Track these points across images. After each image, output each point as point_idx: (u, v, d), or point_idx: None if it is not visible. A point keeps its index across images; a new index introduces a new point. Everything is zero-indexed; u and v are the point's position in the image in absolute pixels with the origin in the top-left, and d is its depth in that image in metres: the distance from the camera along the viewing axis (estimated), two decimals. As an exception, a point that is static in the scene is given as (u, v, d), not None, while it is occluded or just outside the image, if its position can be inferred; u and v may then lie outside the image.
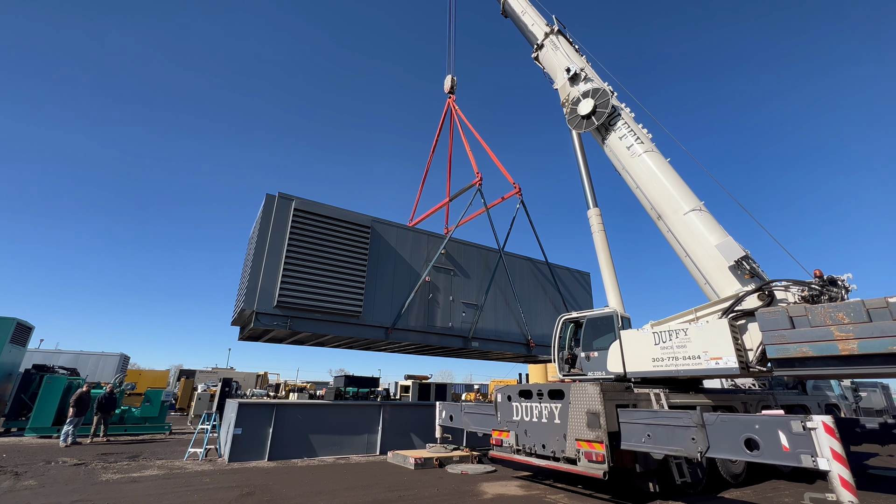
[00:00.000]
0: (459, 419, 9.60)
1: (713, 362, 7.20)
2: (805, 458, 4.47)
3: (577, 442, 6.47)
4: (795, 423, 4.62)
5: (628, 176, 10.45)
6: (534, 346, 14.13)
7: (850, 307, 6.06)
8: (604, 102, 10.90)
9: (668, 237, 9.55)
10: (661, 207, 9.51)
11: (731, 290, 8.01)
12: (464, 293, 13.18)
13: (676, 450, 5.61)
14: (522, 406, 7.80)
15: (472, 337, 12.84)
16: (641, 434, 6.06)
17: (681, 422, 5.63)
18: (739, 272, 7.93)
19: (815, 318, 6.34)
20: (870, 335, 5.84)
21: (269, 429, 9.73)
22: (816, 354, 6.22)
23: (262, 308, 9.70)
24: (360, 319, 10.90)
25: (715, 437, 5.27)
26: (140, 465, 8.93)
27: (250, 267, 9.98)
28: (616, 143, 10.72)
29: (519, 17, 15.16)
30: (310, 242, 10.53)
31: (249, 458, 9.39)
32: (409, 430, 11.72)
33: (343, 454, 10.47)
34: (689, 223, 8.91)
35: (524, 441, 7.52)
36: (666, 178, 9.65)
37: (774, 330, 6.62)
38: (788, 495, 7.16)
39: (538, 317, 14.77)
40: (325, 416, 10.56)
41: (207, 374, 33.63)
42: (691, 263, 8.91)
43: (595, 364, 8.84)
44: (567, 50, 13.05)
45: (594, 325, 9.26)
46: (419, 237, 12.82)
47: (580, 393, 6.72)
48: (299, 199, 10.76)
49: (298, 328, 10.11)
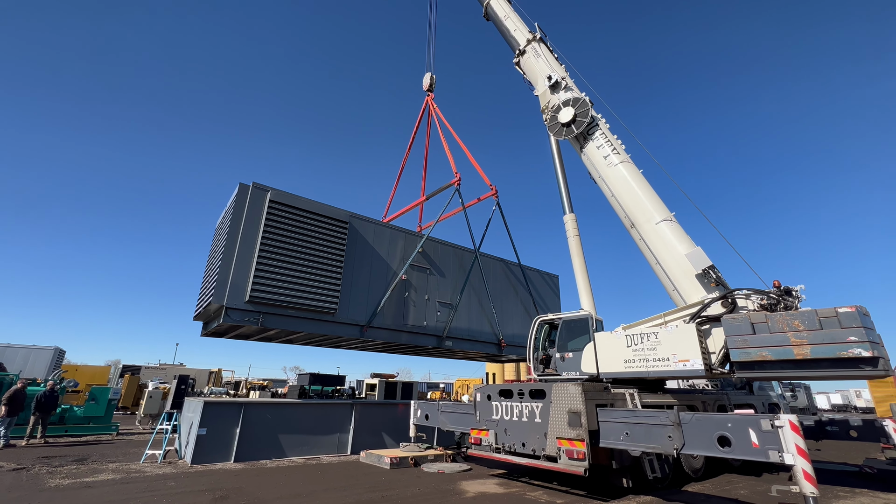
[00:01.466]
0: (436, 418, 9.62)
1: (681, 364, 7.67)
2: (773, 454, 4.87)
3: (558, 440, 6.68)
4: (765, 421, 5.02)
5: (604, 184, 10.86)
6: (505, 346, 14.40)
7: (804, 316, 6.65)
8: (583, 112, 11.26)
9: (640, 245, 10.03)
10: (634, 216, 9.96)
11: (697, 297, 8.53)
12: (439, 292, 13.20)
13: (653, 447, 5.93)
14: (503, 405, 7.94)
15: (446, 336, 12.89)
16: (620, 432, 6.35)
17: (658, 420, 5.95)
18: (706, 280, 8.46)
19: (774, 325, 6.90)
20: (821, 341, 6.42)
21: (237, 429, 9.31)
22: (774, 358, 6.77)
23: (232, 303, 9.25)
24: (335, 317, 10.65)
25: (690, 434, 5.63)
26: (91, 468, 8.27)
27: (220, 260, 9.48)
28: (593, 153, 11.11)
29: (501, 22, 15.34)
30: (285, 236, 10.16)
31: (214, 459, 8.94)
32: (381, 430, 11.60)
33: (313, 454, 10.20)
34: (661, 232, 9.40)
35: (504, 440, 7.67)
36: (639, 188, 10.13)
37: (738, 335, 7.15)
38: (742, 487, 7.75)
39: (509, 317, 15.06)
40: (294, 415, 10.24)
41: (154, 370, 31.55)
42: (661, 271, 9.40)
43: (569, 364, 9.15)
44: (548, 58, 13.37)
45: (569, 326, 9.58)
46: (396, 234, 12.71)
47: (562, 392, 6.94)
48: (275, 191, 10.36)
49: (270, 325, 9.74)
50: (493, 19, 16.01)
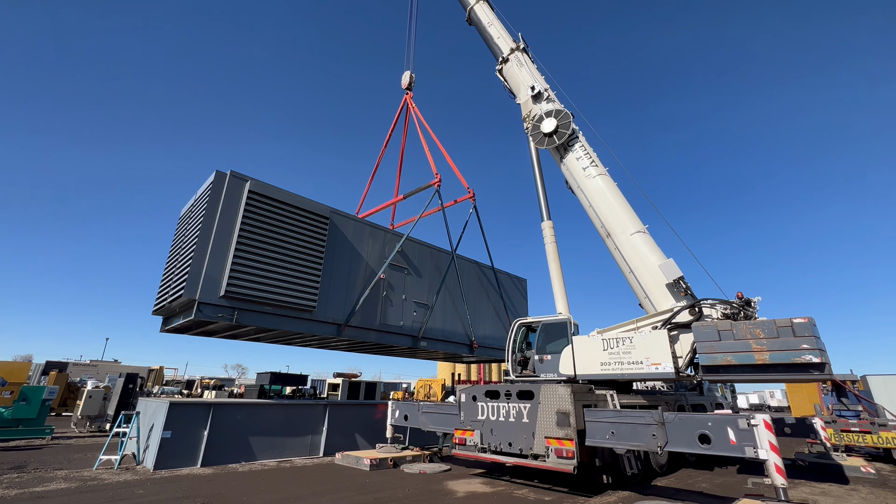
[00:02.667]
0: (416, 419, 9.62)
1: (654, 367, 8.23)
2: (748, 450, 5.39)
3: (547, 439, 6.95)
4: (742, 420, 5.55)
5: (582, 194, 11.37)
6: (476, 347, 14.63)
7: (765, 325, 7.37)
8: (565, 124, 11.71)
9: (614, 254, 10.60)
10: (610, 226, 10.51)
11: (667, 305, 9.17)
12: (415, 292, 13.18)
13: (638, 445, 6.34)
14: (489, 406, 8.12)
15: (421, 336, 12.90)
16: (606, 431, 6.72)
17: (643, 420, 6.37)
18: (676, 290, 9.11)
19: (738, 333, 7.58)
20: (779, 348, 7.15)
21: (205, 431, 8.78)
22: (738, 363, 7.44)
23: (205, 298, 8.72)
24: (313, 315, 10.34)
25: (673, 433, 6.08)
26: (36, 477, 7.46)
27: (192, 251, 8.90)
28: (573, 164, 11.60)
29: (485, 28, 15.53)
30: (264, 229, 9.72)
31: (180, 464, 8.37)
32: (354, 431, 11.40)
33: (285, 457, 9.84)
34: (635, 243, 10.00)
35: (489, 440, 7.84)
36: (616, 200, 10.71)
37: (706, 341, 7.79)
38: (702, 480, 8.47)
39: (481, 319, 15.32)
40: (265, 417, 9.82)
41: (84, 367, 28.81)
42: (634, 279, 10.00)
43: (548, 366, 9.50)
44: (531, 68, 13.76)
45: (548, 330, 9.95)
46: (376, 232, 12.54)
47: (550, 394, 7.23)
48: (255, 181, 9.89)
49: (246, 321, 9.28)
50: (476, 24, 16.17)
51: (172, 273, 10.00)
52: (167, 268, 10.64)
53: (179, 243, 10.39)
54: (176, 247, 10.58)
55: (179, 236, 10.67)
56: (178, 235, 10.89)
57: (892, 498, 7.51)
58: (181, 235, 10.51)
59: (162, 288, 10.41)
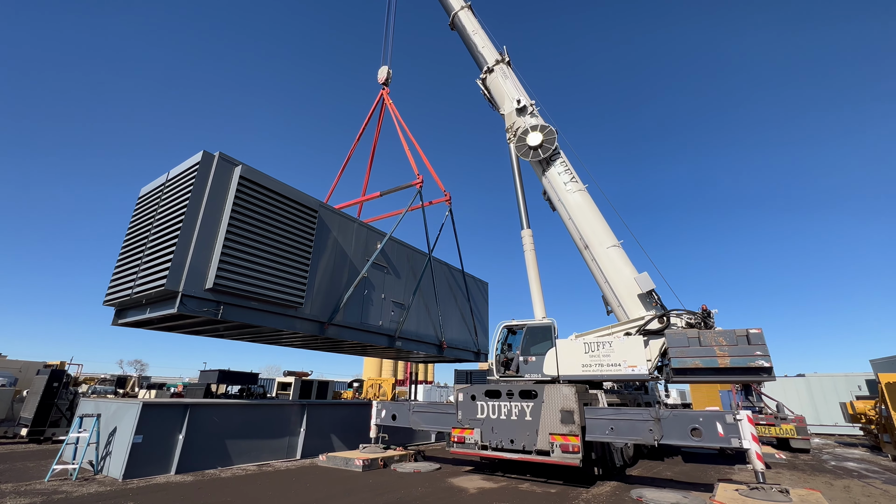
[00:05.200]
0: (406, 418, 9.67)
1: (630, 369, 9.17)
2: (734, 441, 6.35)
3: (552, 436, 7.47)
4: (728, 416, 6.50)
5: (562, 207, 12.21)
6: (446, 348, 14.91)
7: (727, 334, 8.60)
8: (550, 139, 12.48)
9: (590, 265, 11.54)
10: (589, 239, 11.43)
11: (639, 314, 10.25)
12: (393, 292, 13.12)
13: (636, 439, 7.10)
14: (489, 405, 8.46)
15: (397, 336, 12.87)
16: (605, 427, 7.41)
17: (640, 417, 7.15)
18: (648, 300, 10.23)
19: (704, 340, 8.75)
20: (737, 354, 8.41)
21: (180, 435, 8.03)
22: (704, 366, 8.60)
23: (190, 290, 7.99)
24: (298, 312, 9.90)
25: (668, 427, 6.91)
26: (-27, 494, 6.31)
27: (176, 239, 8.10)
28: (555, 178, 12.41)
29: (469, 37, 15.90)
30: (254, 219, 9.12)
31: (152, 472, 7.57)
32: (329, 432, 11.08)
33: (262, 461, 9.31)
34: (611, 256, 11.01)
35: (490, 437, 8.19)
36: (594, 215, 11.68)
37: (678, 347, 8.88)
38: (664, 469, 9.61)
39: (449, 321, 15.61)
40: (241, 418, 9.21)
41: (-43, 363, 23.87)
42: (609, 289, 11.00)
43: (532, 367, 10.10)
44: (515, 81, 14.40)
45: (533, 333, 10.56)
46: (360, 229, 12.29)
47: (554, 393, 7.77)
48: (245, 167, 9.23)
49: (231, 317, 8.63)
50: (459, 31, 16.47)
51: (136, 260, 8.98)
52: (125, 253, 9.51)
53: (146, 227, 9.34)
54: (139, 231, 9.49)
55: (144, 219, 9.58)
56: (140, 217, 9.76)
57: (806, 476, 9.18)
58: (148, 218, 9.45)
59: (119, 277, 9.28)
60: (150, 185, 10.17)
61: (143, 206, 9.92)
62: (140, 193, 10.37)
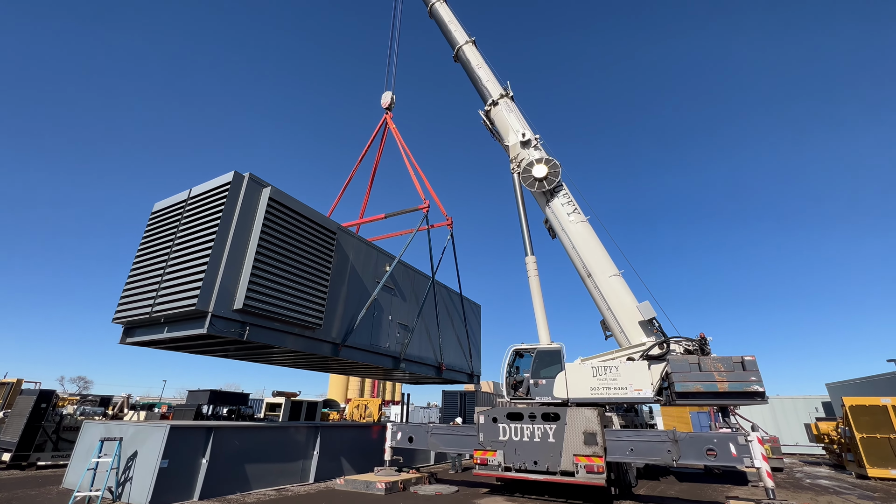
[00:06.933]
0: (423, 441, 9.79)
1: (636, 392, 9.75)
2: (746, 460, 6.96)
3: (576, 457, 7.86)
4: (740, 437, 7.13)
5: (565, 236, 12.91)
6: (444, 370, 15.11)
7: (725, 360, 9.37)
8: (555, 172, 13.25)
9: (593, 292, 12.22)
10: (592, 268, 12.13)
11: (640, 340, 10.93)
12: (399, 314, 13.30)
13: (655, 459, 7.60)
14: (511, 427, 8.77)
15: (402, 358, 13.00)
16: (625, 448, 7.88)
17: (659, 438, 7.67)
18: (649, 327, 10.96)
19: (704, 366, 9.49)
20: (735, 379, 9.17)
21: (203, 459, 7.82)
22: (704, 390, 9.31)
23: (219, 311, 7.96)
24: (315, 333, 9.94)
25: (685, 448, 7.46)
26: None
27: (206, 258, 8.08)
28: (559, 209, 13.15)
29: (473, 70, 16.69)
30: (280, 240, 9.21)
31: (176, 497, 7.32)
32: (340, 454, 10.96)
33: (279, 485, 9.12)
34: (613, 284, 11.73)
35: (513, 459, 8.47)
36: (596, 245, 12.43)
37: (681, 372, 9.57)
38: (666, 489, 10.13)
39: (447, 343, 15.86)
40: (261, 441, 9.06)
41: None
42: (611, 315, 11.67)
43: (542, 390, 10.51)
44: (518, 115, 15.22)
45: (542, 356, 11.01)
46: (371, 251, 12.49)
47: (577, 416, 8.20)
48: (274, 189, 9.36)
49: (255, 338, 8.59)
50: (463, 64, 17.25)
51: (153, 278, 8.84)
52: (138, 271, 9.33)
53: (163, 244, 9.22)
54: (155, 248, 9.35)
55: (160, 237, 9.45)
56: (156, 235, 9.62)
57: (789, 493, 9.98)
58: (165, 236, 9.33)
59: (132, 294, 9.09)
60: (166, 202, 10.07)
61: (159, 223, 9.79)
62: (154, 209, 10.23)
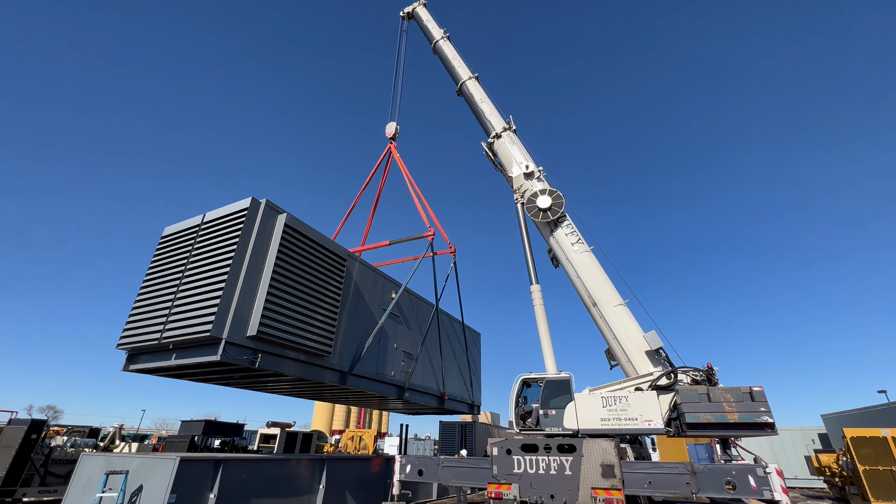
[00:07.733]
0: (434, 474, 9.53)
1: (646, 423, 9.77)
2: (766, 493, 6.95)
3: (594, 490, 7.74)
4: (759, 469, 7.15)
5: (570, 266, 13.13)
6: (447, 400, 14.86)
7: (734, 391, 9.48)
8: (559, 203, 13.62)
9: (598, 322, 12.35)
10: (597, 297, 12.31)
11: (647, 370, 11.00)
12: (404, 342, 13.19)
13: (674, 493, 7.53)
14: (526, 459, 8.63)
15: (406, 387, 12.79)
16: (643, 481, 7.80)
17: (677, 471, 7.63)
18: (656, 357, 11.05)
19: (714, 397, 9.57)
20: (744, 410, 9.25)
21: (212, 494, 7.49)
22: (715, 421, 9.35)
23: (232, 338, 7.84)
24: (324, 361, 9.79)
25: (704, 481, 7.42)
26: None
27: (222, 284, 8.02)
28: (563, 238, 13.44)
29: (476, 104, 17.33)
30: (294, 266, 9.20)
31: (180, 537, 6.98)
32: (345, 489, 10.57)
33: (283, 523, 8.74)
34: (619, 314, 11.89)
35: (529, 493, 8.29)
36: (601, 275, 12.66)
37: (691, 402, 9.63)
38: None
39: (449, 372, 15.67)
40: (268, 474, 8.72)
41: None
42: (617, 345, 11.76)
43: (552, 421, 10.43)
44: (521, 147, 15.72)
45: (551, 387, 10.97)
46: (377, 278, 12.50)
47: (593, 447, 8.13)
48: (289, 215, 9.42)
49: (266, 365, 8.44)
50: (467, 98, 17.91)
51: (162, 304, 8.70)
52: (146, 296, 9.18)
53: (173, 270, 9.12)
54: (164, 273, 9.24)
55: (170, 262, 9.36)
56: (165, 260, 9.53)
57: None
58: (176, 261, 9.25)
59: (139, 320, 8.92)
60: (176, 227, 10.05)
61: (169, 248, 9.72)
62: (164, 233, 10.17)
